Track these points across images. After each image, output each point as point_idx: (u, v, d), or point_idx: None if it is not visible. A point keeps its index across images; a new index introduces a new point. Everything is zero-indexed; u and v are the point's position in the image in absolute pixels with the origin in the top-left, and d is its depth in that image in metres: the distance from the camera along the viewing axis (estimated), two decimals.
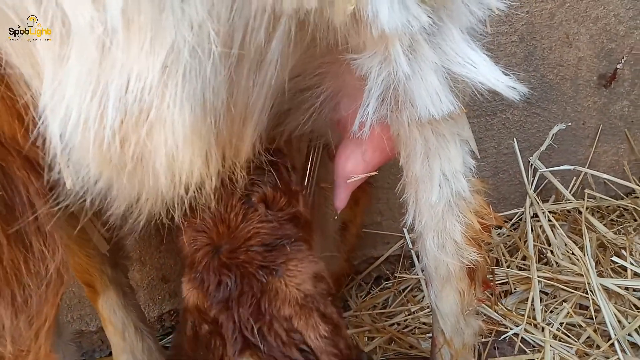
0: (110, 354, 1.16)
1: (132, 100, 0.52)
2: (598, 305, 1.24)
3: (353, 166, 0.82)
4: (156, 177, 0.58)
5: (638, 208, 1.50)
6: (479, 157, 0.74)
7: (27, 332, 0.68)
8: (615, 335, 1.17)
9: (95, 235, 0.95)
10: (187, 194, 0.61)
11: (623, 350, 1.16)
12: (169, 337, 1.42)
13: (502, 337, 1.24)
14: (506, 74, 0.62)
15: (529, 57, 1.36)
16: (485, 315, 1.31)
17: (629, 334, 1.19)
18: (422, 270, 0.85)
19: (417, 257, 1.19)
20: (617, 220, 1.54)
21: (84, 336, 1.42)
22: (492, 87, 0.61)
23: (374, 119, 0.62)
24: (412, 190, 0.75)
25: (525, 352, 1.22)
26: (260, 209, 0.78)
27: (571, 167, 1.46)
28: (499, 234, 1.52)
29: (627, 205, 1.52)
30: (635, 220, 1.50)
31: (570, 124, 1.49)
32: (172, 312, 1.44)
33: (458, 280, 0.83)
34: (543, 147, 1.45)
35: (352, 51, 0.61)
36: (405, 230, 1.45)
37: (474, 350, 1.05)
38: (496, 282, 1.39)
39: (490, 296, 1.32)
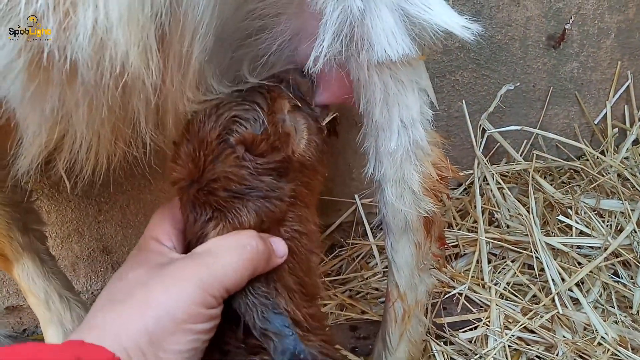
0: None
1: None
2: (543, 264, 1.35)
3: None
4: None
5: (587, 169, 1.61)
6: (438, 108, 0.80)
7: None
8: (557, 289, 1.29)
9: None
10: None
11: (563, 305, 1.27)
12: None
13: (447, 296, 1.34)
14: (461, 14, 0.67)
15: (477, 16, 1.42)
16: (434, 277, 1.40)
17: (570, 289, 1.31)
18: (378, 225, 0.90)
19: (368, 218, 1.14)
20: (567, 182, 1.65)
21: (24, 311, 1.40)
22: (448, 28, 0.66)
23: (329, 53, 0.66)
24: (372, 139, 0.81)
25: (472, 312, 1.32)
26: (239, 151, 0.74)
27: (518, 128, 1.56)
28: (450, 197, 1.61)
29: (576, 167, 1.63)
30: (583, 180, 1.62)
31: (520, 85, 1.58)
32: None
33: (415, 232, 0.90)
34: (491, 108, 1.53)
35: None
36: (356, 196, 1.51)
37: (426, 311, 1.12)
38: (447, 245, 1.49)
39: (445, 255, 1.41)
